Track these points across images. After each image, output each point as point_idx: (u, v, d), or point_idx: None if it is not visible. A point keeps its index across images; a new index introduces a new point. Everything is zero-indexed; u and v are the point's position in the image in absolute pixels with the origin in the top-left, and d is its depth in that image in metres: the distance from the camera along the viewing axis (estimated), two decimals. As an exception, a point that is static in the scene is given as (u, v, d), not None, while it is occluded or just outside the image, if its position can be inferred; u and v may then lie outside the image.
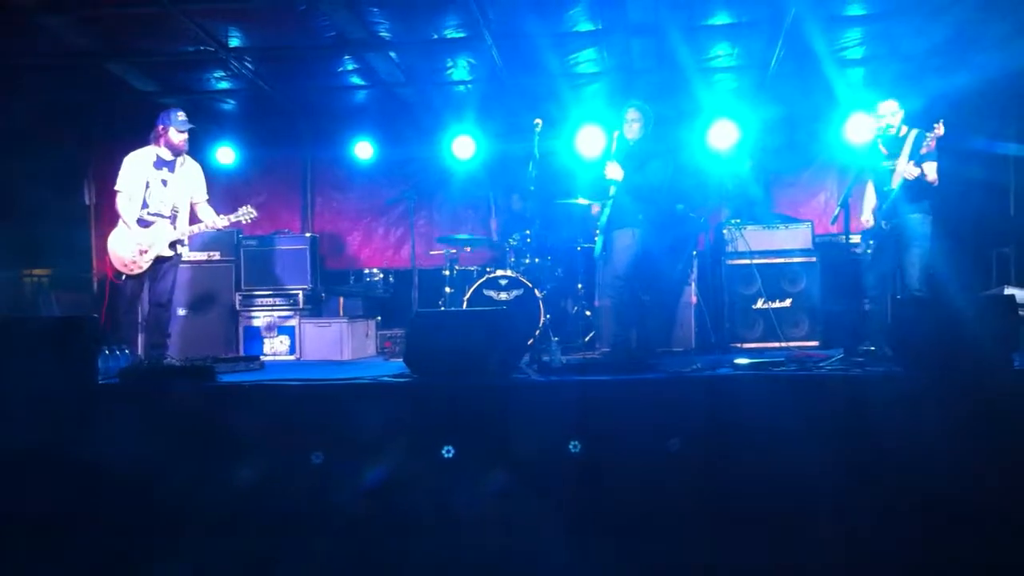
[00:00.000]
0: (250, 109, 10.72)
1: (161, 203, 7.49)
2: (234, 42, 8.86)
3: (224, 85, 9.96)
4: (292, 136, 11.06)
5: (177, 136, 7.48)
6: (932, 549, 4.74)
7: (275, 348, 9.59)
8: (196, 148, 7.73)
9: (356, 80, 9.94)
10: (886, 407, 5.11)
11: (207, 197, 7.79)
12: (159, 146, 7.52)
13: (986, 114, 9.07)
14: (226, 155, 10.69)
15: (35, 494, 5.27)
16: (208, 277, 9.83)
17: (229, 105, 10.64)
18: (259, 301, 9.77)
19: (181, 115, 7.48)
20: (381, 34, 8.68)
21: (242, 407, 5.65)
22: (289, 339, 9.60)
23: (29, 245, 9.70)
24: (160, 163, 7.52)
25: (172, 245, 7.51)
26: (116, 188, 7.47)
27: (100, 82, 9.58)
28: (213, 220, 7.63)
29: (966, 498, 4.75)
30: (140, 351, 7.84)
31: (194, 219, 7.70)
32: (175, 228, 7.52)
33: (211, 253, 9.85)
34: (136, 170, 7.46)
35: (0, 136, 9.34)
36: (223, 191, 8.70)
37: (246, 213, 7.73)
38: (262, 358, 8.71)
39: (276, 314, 9.68)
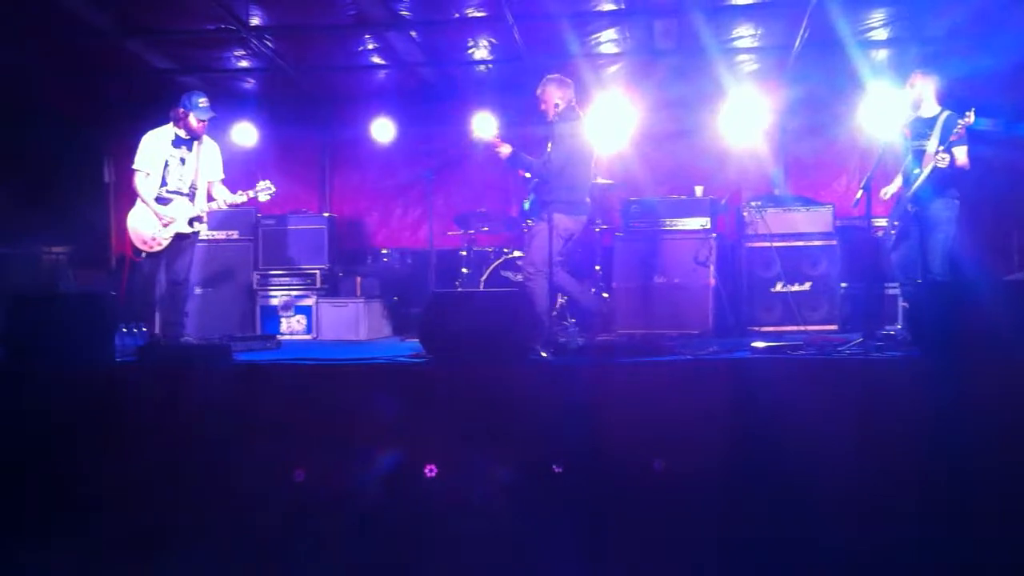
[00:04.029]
0: (269, 88, 10.74)
1: (180, 180, 7.50)
2: (254, 20, 8.84)
3: (244, 64, 9.97)
4: (311, 115, 11.04)
5: (196, 122, 7.47)
6: (947, 534, 4.72)
7: (292, 327, 9.61)
8: (215, 126, 7.72)
9: (376, 60, 9.93)
10: (905, 392, 5.06)
11: (223, 177, 7.79)
12: (177, 127, 7.51)
13: (1009, 96, 8.96)
14: (245, 134, 10.64)
15: (51, 473, 5.29)
16: (226, 256, 9.87)
17: (248, 84, 10.66)
18: (276, 280, 9.80)
19: (203, 102, 7.45)
20: (402, 13, 8.67)
21: (256, 386, 5.65)
22: (306, 318, 9.62)
23: (48, 223, 9.72)
24: (179, 141, 7.51)
25: (191, 222, 7.51)
26: (134, 167, 7.46)
27: (118, 61, 9.60)
28: (232, 197, 7.63)
29: (988, 484, 4.72)
30: (157, 329, 7.86)
31: (210, 198, 7.70)
32: (194, 204, 7.52)
33: (229, 232, 9.88)
34: (155, 148, 7.45)
35: (19, 115, 9.36)
36: (242, 170, 8.68)
37: (265, 188, 7.73)
38: (279, 337, 8.74)
39: (293, 293, 9.71)
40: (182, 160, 7.53)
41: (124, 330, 6.75)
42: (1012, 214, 9.23)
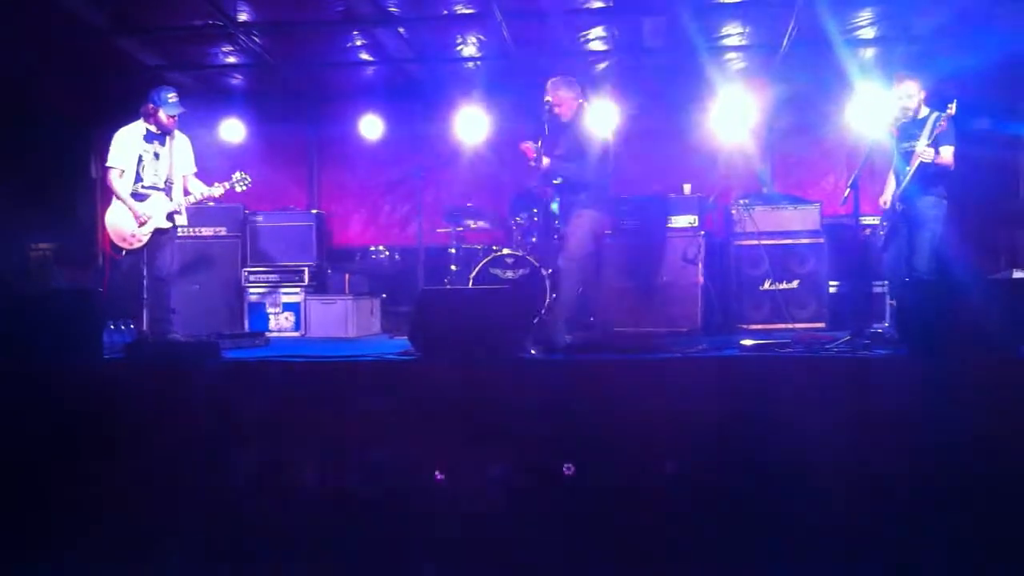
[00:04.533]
0: (258, 84, 10.69)
1: (155, 175, 7.48)
2: (242, 16, 8.82)
3: (231, 60, 9.92)
4: (299, 112, 11.01)
5: (166, 118, 7.44)
6: (933, 530, 4.75)
7: (280, 324, 9.59)
8: (203, 122, 7.70)
9: (364, 56, 9.90)
10: (893, 389, 5.08)
11: (195, 170, 7.77)
12: (148, 122, 7.49)
13: (995, 94, 9.00)
14: (233, 130, 10.62)
15: (39, 471, 5.27)
16: (214, 253, 9.85)
17: (236, 80, 10.60)
18: (265, 277, 9.77)
19: (172, 97, 7.43)
20: (390, 9, 8.65)
21: (245, 384, 5.64)
22: (294, 315, 9.61)
23: (36, 219, 9.69)
24: (151, 136, 7.49)
25: (169, 216, 7.49)
26: (108, 164, 7.45)
27: (108, 57, 9.55)
28: (208, 189, 7.62)
29: (978, 480, 4.75)
30: (145, 326, 7.83)
31: (186, 192, 7.68)
32: (171, 199, 7.51)
33: (217, 229, 9.86)
34: (127, 144, 7.43)
35: (9, 111, 9.31)
36: (229, 166, 8.62)
37: (240, 180, 7.73)
38: (267, 334, 8.71)
39: (281, 290, 9.69)
40: (156, 155, 7.51)
41: (112, 327, 6.74)
42: (999, 212, 9.26)
